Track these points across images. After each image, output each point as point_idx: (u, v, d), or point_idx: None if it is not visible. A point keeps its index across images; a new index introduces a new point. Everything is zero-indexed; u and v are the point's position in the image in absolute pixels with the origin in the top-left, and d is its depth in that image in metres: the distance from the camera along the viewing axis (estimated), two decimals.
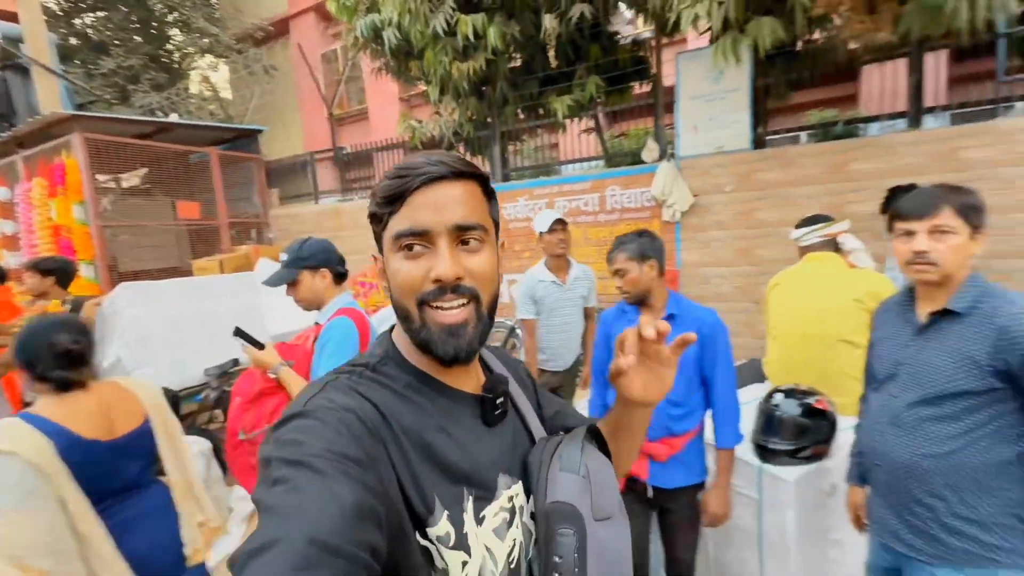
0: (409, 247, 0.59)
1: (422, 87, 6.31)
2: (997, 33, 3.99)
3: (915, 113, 3.88)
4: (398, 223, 0.59)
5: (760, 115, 4.83)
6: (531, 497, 0.65)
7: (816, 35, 4.44)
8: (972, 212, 1.28)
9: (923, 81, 3.87)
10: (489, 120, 5.62)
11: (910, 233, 1.32)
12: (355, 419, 0.54)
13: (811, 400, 1.91)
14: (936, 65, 6.65)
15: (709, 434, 1.88)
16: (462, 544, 0.58)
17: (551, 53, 4.74)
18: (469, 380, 0.67)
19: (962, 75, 6.06)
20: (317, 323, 1.94)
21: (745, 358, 3.03)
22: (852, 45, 4.21)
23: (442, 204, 0.59)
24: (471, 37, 4.59)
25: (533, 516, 0.65)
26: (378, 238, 0.64)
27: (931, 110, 4.28)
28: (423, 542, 0.56)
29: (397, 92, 11.13)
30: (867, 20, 2.88)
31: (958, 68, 6.48)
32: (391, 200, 0.60)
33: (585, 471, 0.63)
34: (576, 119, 5.49)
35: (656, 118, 4.87)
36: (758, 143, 4.60)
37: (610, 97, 5.38)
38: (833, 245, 2.28)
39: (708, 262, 4.61)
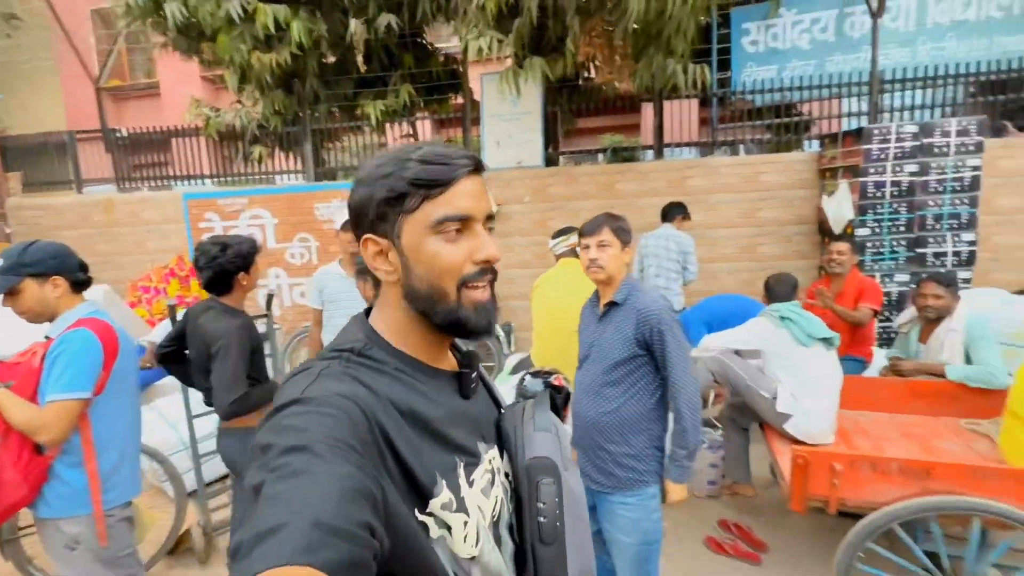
0: (449, 232, 0.61)
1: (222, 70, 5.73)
2: (710, 93, 5.26)
3: (659, 147, 4.90)
4: (438, 209, 0.60)
5: (552, 136, 5.54)
6: (504, 458, 0.71)
7: (594, 74, 5.26)
8: (622, 232, 1.78)
9: (663, 122, 4.91)
10: (300, 116, 5.39)
11: (586, 247, 1.78)
12: (354, 407, 0.54)
13: (550, 378, 2.34)
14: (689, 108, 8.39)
15: None
16: (462, 507, 0.61)
17: (359, 58, 4.77)
18: (447, 360, 0.70)
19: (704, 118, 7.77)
20: (48, 337, 1.74)
21: None
22: (620, 85, 5.10)
23: (478, 193, 0.62)
24: (271, 28, 4.36)
25: (506, 475, 0.71)
26: (382, 220, 0.62)
27: (675, 144, 5.44)
28: (421, 517, 0.58)
29: (198, 69, 9.80)
30: (613, 71, 3.58)
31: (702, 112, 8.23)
32: (432, 185, 0.60)
33: (554, 429, 0.71)
34: (397, 124, 5.59)
35: (464, 131, 5.25)
36: (550, 161, 5.28)
37: (428, 106, 5.61)
38: (575, 252, 2.82)
39: (512, 264, 5.15)
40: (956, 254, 3.99)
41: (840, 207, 4.16)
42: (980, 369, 2.56)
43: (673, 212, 3.96)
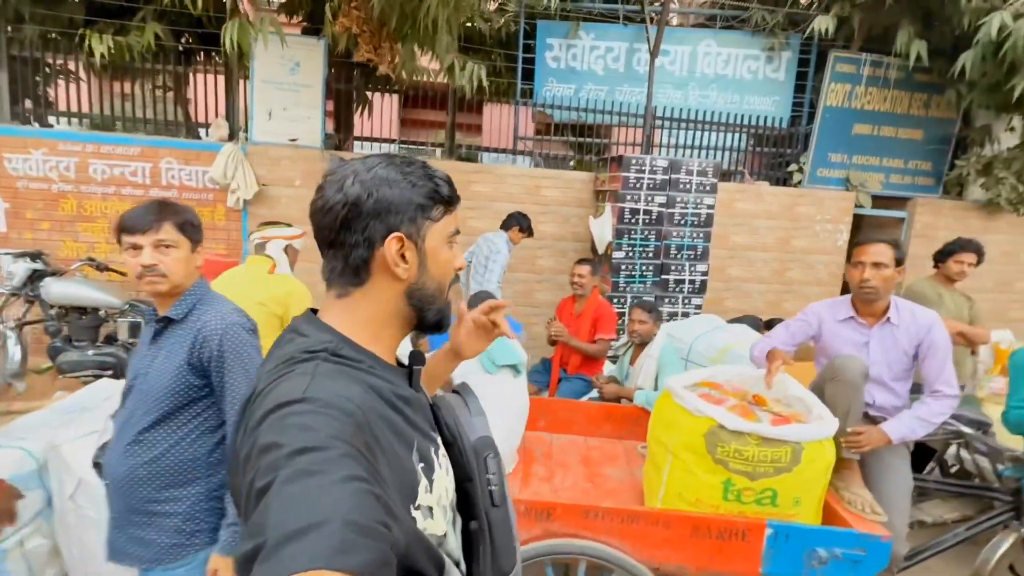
0: (452, 242, 0.74)
1: None
2: (513, 101, 5.22)
3: (450, 147, 4.68)
4: (452, 223, 0.73)
5: (344, 118, 5.02)
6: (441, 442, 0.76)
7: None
8: (191, 228, 1.37)
9: (455, 122, 4.70)
10: None
11: (136, 248, 1.33)
12: (356, 408, 0.56)
13: None
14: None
15: None
16: (431, 487, 0.66)
17: None
18: (394, 360, 0.74)
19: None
20: None
21: None
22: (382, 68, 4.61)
23: None
24: None
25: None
26: (411, 222, 0.68)
27: (460, 147, 5.29)
28: (413, 513, 0.60)
29: None
30: (371, 51, 3.21)
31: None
32: (452, 203, 0.72)
33: (484, 413, 0.82)
34: (143, 69, 4.53)
35: (228, 93, 4.45)
36: (340, 146, 4.75)
37: (188, 56, 4.66)
38: (263, 249, 2.38)
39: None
40: (692, 282, 4.42)
41: (603, 229, 4.35)
42: (656, 395, 2.70)
43: (510, 222, 3.95)
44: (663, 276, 4.38)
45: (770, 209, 5.09)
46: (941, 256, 3.28)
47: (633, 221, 4.25)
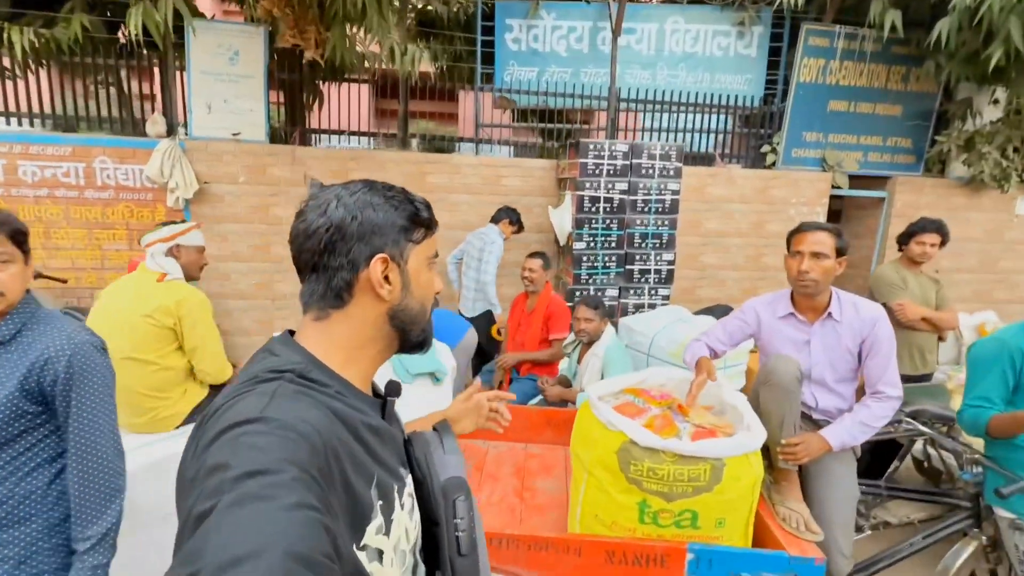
0: (432, 264, 0.75)
1: None
2: (476, 88, 4.98)
3: (403, 137, 4.46)
4: (432, 246, 0.74)
5: (297, 110, 4.79)
6: (411, 481, 0.73)
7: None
8: (24, 238, 1.20)
9: (431, 112, 4.47)
10: None
11: None
12: (314, 432, 0.53)
13: None
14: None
15: None
16: (389, 529, 0.63)
17: None
18: (370, 388, 0.73)
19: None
20: None
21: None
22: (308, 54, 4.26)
23: None
24: None
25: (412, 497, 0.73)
26: (394, 244, 0.68)
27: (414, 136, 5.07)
28: (357, 554, 0.57)
29: None
30: (296, 35, 2.98)
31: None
32: (431, 226, 0.74)
33: (460, 452, 0.77)
34: (73, 63, 4.29)
35: (165, 87, 4.22)
36: (287, 139, 4.52)
37: (117, 47, 4.40)
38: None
39: (226, 256, 4.30)
40: (658, 272, 4.22)
41: (563, 219, 4.15)
42: None
43: (499, 215, 3.88)
44: (627, 266, 4.18)
45: (743, 193, 4.88)
46: (903, 238, 3.09)
47: (593, 210, 4.04)
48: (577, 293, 4.11)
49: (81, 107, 4.29)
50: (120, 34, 4.56)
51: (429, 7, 4.97)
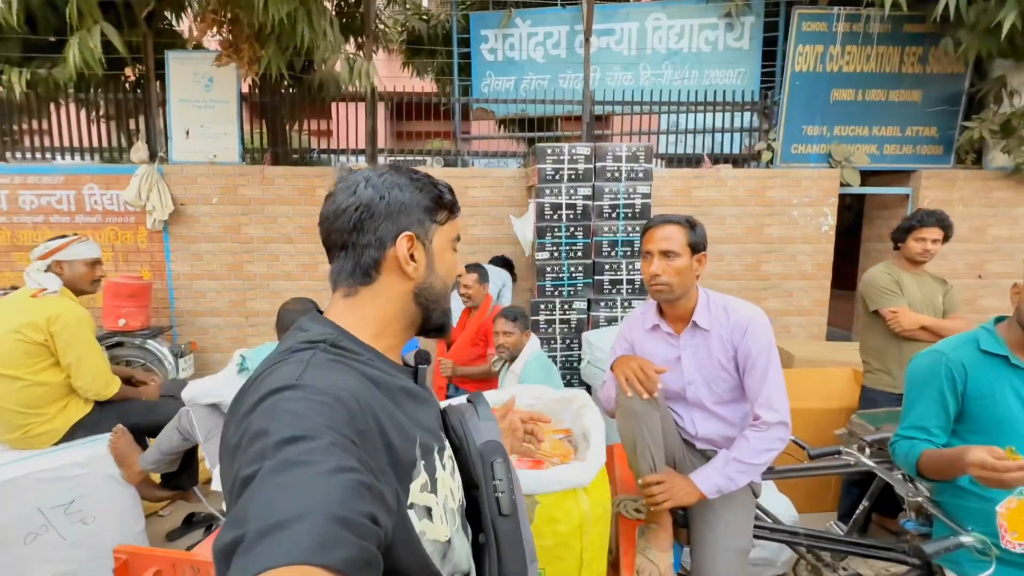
0: (454, 247, 0.78)
1: None
2: (451, 100, 4.93)
3: (371, 152, 4.45)
4: (455, 228, 0.77)
5: (277, 132, 4.91)
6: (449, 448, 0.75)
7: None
8: None
9: (377, 127, 4.46)
10: None
11: None
12: (350, 396, 0.55)
13: None
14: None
15: None
16: (435, 488, 0.64)
17: (13, 16, 3.70)
18: (400, 360, 0.74)
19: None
20: None
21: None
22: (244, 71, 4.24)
23: None
24: None
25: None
26: (419, 224, 0.71)
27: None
28: (407, 510, 0.58)
29: None
30: (231, 54, 3.03)
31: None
32: (455, 209, 0.77)
33: (495, 419, 0.80)
34: (73, 97, 4.63)
35: (147, 116, 4.45)
36: (277, 160, 4.62)
37: (108, 82, 4.70)
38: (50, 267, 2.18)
39: (200, 274, 4.42)
40: (631, 282, 3.90)
41: (525, 228, 3.94)
42: None
43: None
44: (596, 277, 3.89)
45: (736, 195, 4.47)
46: (899, 234, 2.64)
47: (555, 217, 3.81)
48: (542, 306, 3.87)
49: (75, 138, 4.59)
50: (128, 71, 4.91)
51: (405, 25, 4.99)
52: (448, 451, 0.73)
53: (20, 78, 4.11)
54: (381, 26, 5.68)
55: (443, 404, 0.82)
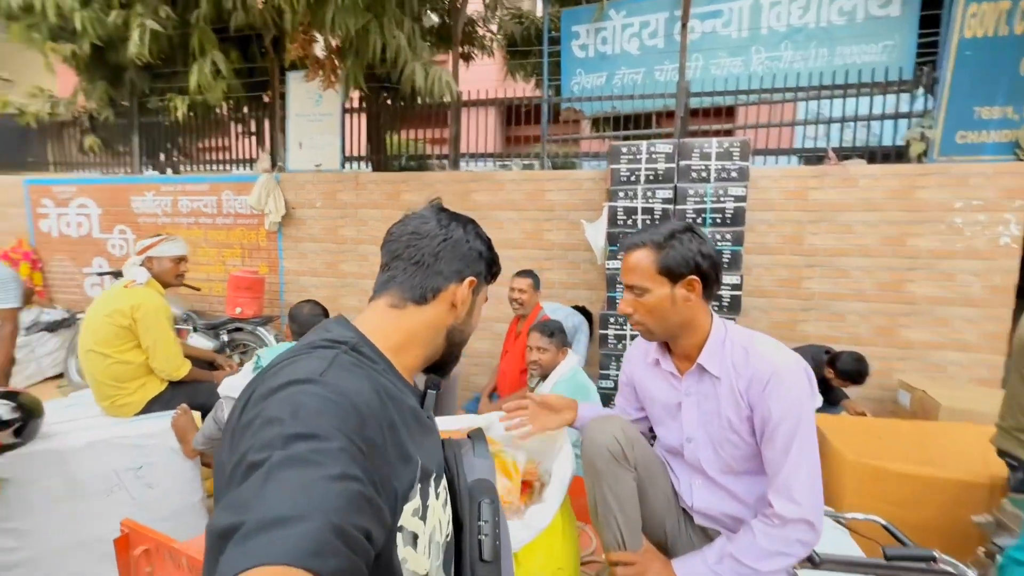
0: (483, 305, 0.83)
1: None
2: (543, 101, 4.81)
3: (454, 157, 4.52)
4: (488, 290, 0.84)
5: (378, 139, 5.26)
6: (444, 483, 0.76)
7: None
8: None
9: (461, 132, 4.52)
10: (126, 105, 5.39)
11: None
12: (366, 404, 0.55)
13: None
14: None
15: None
16: (425, 515, 0.62)
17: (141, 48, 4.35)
18: (412, 379, 0.76)
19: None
20: None
21: None
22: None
23: None
24: (52, 17, 4.34)
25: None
26: (477, 275, 0.79)
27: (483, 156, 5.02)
28: (396, 531, 0.57)
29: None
30: (322, 73, 3.28)
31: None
32: (496, 276, 0.84)
33: (491, 458, 0.80)
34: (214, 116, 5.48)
35: (272, 130, 5.06)
36: (378, 166, 4.97)
37: (249, 103, 5.46)
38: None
39: (305, 271, 4.91)
40: (717, 298, 3.38)
41: (598, 234, 3.65)
42: None
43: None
44: (710, 303, 3.44)
45: (869, 197, 3.63)
46: None
47: (629, 223, 3.46)
48: (611, 320, 3.55)
49: (219, 153, 5.41)
50: (265, 95, 5.69)
51: (496, 30, 4.98)
52: (444, 482, 0.71)
53: (182, 103, 4.96)
54: (482, 32, 5.79)
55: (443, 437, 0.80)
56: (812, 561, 1.25)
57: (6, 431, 1.97)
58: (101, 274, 4.84)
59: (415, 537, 0.60)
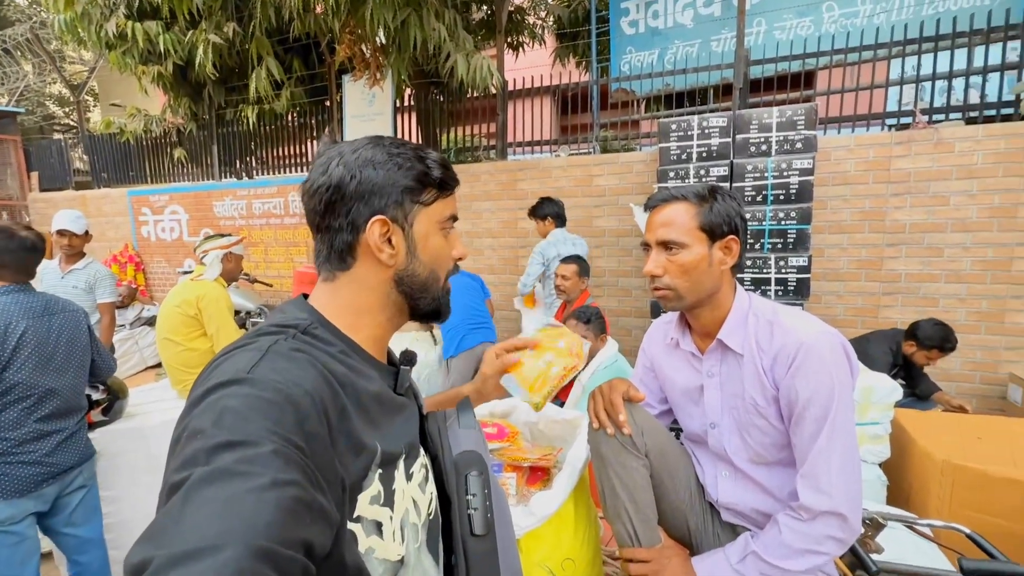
0: (447, 229, 0.68)
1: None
2: (592, 82, 4.67)
3: (501, 147, 4.50)
4: (447, 208, 0.68)
5: (431, 136, 5.36)
6: (427, 457, 0.71)
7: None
8: None
9: (506, 122, 4.49)
10: (207, 118, 5.89)
11: None
12: (304, 394, 0.50)
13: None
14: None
15: None
16: (390, 500, 0.58)
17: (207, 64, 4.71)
18: (384, 354, 0.70)
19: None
20: None
21: None
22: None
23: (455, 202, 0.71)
24: (141, 44, 4.82)
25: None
26: (397, 205, 0.63)
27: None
28: (350, 526, 0.53)
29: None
30: (363, 69, 3.39)
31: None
32: (447, 187, 0.67)
33: (478, 427, 0.73)
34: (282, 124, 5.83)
35: (331, 133, 5.30)
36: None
37: (311, 108, 5.75)
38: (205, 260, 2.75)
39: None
40: (782, 281, 3.11)
41: (646, 218, 3.47)
42: None
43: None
44: (736, 276, 3.21)
45: (968, 163, 3.17)
46: None
47: None
48: (661, 309, 3.37)
49: (287, 157, 5.77)
50: (326, 100, 5.99)
51: (544, 15, 4.88)
52: (421, 461, 0.66)
53: (252, 112, 5.34)
54: (532, 19, 5.71)
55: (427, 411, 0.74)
56: (868, 570, 1.11)
57: (95, 410, 2.21)
58: (187, 272, 5.34)
59: (379, 525, 0.56)
